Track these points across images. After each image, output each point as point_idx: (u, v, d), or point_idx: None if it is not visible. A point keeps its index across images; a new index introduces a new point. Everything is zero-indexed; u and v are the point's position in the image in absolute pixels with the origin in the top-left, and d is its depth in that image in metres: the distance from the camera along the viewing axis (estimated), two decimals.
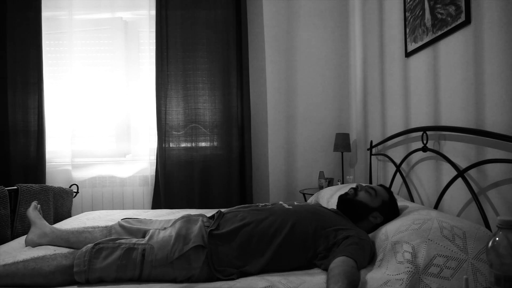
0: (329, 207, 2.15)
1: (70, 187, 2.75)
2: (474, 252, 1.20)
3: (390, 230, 1.43)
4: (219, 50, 3.01)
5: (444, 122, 1.80)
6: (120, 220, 1.61)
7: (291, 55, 3.16)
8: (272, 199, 3.11)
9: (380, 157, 2.60)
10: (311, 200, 2.55)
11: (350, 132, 3.14)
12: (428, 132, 1.90)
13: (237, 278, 1.29)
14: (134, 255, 1.22)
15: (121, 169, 3.00)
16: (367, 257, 1.33)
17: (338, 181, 2.94)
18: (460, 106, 1.67)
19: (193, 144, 3.00)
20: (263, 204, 1.59)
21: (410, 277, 1.16)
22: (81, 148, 3.00)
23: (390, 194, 1.63)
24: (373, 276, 1.25)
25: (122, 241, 1.28)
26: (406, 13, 2.16)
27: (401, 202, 1.79)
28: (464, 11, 1.60)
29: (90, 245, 1.25)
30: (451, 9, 1.70)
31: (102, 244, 1.24)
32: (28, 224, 2.08)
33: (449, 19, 1.72)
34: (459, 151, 1.68)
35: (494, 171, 1.46)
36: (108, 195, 2.97)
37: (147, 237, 1.33)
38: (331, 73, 3.18)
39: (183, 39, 2.98)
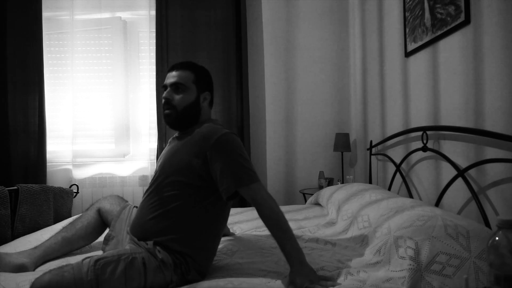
0: (328, 206, 2.16)
1: (70, 187, 2.76)
2: (477, 251, 1.20)
3: (393, 225, 1.43)
4: (219, 50, 3.01)
5: (444, 122, 1.81)
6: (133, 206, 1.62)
7: (291, 55, 3.16)
8: None
9: (380, 157, 2.60)
10: (311, 200, 2.55)
11: (350, 132, 3.14)
12: (428, 132, 1.90)
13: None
14: (137, 265, 1.20)
15: (121, 168, 2.99)
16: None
17: (338, 181, 2.95)
18: (459, 105, 1.68)
19: None
20: None
21: (412, 274, 1.16)
22: (81, 148, 3.00)
23: (193, 66, 1.46)
24: (374, 272, 1.26)
25: (121, 251, 1.24)
26: (406, 13, 2.16)
27: (401, 200, 1.78)
28: (463, 11, 1.61)
29: (86, 262, 1.16)
30: (451, 9, 1.70)
31: (102, 259, 1.18)
32: (29, 224, 2.08)
33: (448, 19, 1.72)
34: (459, 151, 1.68)
35: (493, 171, 1.47)
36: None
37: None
38: (331, 73, 3.18)
39: (183, 39, 2.98)
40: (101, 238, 1.68)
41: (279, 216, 1.25)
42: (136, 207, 1.63)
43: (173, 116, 1.39)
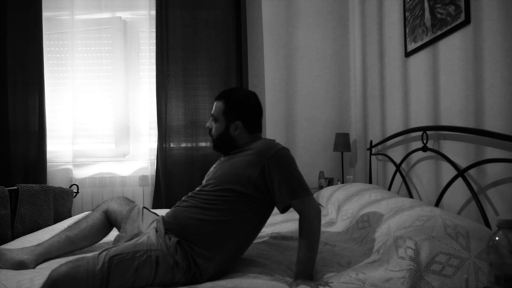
0: (328, 206, 2.16)
1: (70, 187, 2.76)
2: (477, 251, 1.20)
3: (392, 225, 1.43)
4: (219, 50, 3.01)
5: (444, 122, 1.81)
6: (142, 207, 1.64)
7: (291, 55, 3.16)
8: None
9: (380, 156, 2.60)
10: None
11: (350, 132, 3.14)
12: (428, 132, 1.90)
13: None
14: (149, 264, 1.21)
15: (121, 168, 3.00)
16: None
17: (338, 181, 2.95)
18: (459, 105, 1.68)
19: (193, 144, 3.00)
20: None
21: (411, 275, 1.16)
22: (81, 148, 3.00)
23: (227, 95, 1.51)
24: (373, 272, 1.26)
25: (137, 247, 1.25)
26: (406, 12, 2.16)
27: (401, 200, 1.78)
28: (463, 11, 1.61)
29: (102, 258, 1.17)
30: (451, 9, 1.70)
31: (117, 256, 1.19)
32: (29, 224, 2.08)
33: (448, 19, 1.72)
34: (459, 151, 1.68)
35: (493, 171, 1.47)
36: (108, 195, 2.97)
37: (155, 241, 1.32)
38: (331, 73, 3.18)
39: (183, 39, 2.98)
40: (104, 240, 1.68)
41: (315, 236, 1.31)
42: (145, 208, 1.65)
43: (212, 143, 1.53)
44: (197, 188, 1.44)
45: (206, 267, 1.27)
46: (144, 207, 1.65)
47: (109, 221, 1.63)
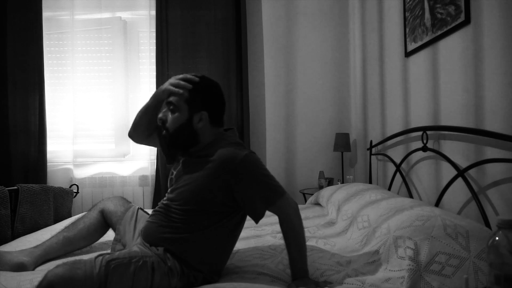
0: (328, 206, 2.16)
1: (70, 187, 2.76)
2: (476, 251, 1.20)
3: (392, 224, 1.43)
4: (219, 51, 3.01)
5: (444, 122, 1.81)
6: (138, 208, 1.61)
7: (291, 55, 3.16)
8: None
9: (380, 156, 2.60)
10: (311, 200, 2.55)
11: (350, 132, 3.14)
12: (428, 132, 1.90)
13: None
14: (145, 270, 1.20)
15: (121, 168, 3.00)
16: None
17: (338, 181, 2.95)
18: (459, 105, 1.68)
19: None
20: None
21: (411, 275, 1.16)
22: (82, 148, 3.00)
23: (189, 81, 1.30)
24: (373, 272, 1.26)
25: (132, 253, 1.24)
26: (406, 12, 2.16)
27: (401, 200, 1.78)
28: (463, 11, 1.61)
29: (98, 262, 1.15)
30: (451, 8, 1.70)
31: (114, 261, 1.17)
32: (29, 224, 2.08)
33: (448, 19, 1.72)
34: (459, 151, 1.68)
35: (493, 171, 1.47)
36: (108, 195, 2.97)
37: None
38: (331, 73, 3.18)
39: (183, 40, 2.98)
40: (102, 239, 1.68)
41: (300, 234, 1.28)
42: (141, 208, 1.63)
43: (167, 138, 1.31)
44: (164, 200, 1.37)
45: (196, 274, 1.26)
46: (139, 208, 1.62)
47: (105, 221, 1.63)
